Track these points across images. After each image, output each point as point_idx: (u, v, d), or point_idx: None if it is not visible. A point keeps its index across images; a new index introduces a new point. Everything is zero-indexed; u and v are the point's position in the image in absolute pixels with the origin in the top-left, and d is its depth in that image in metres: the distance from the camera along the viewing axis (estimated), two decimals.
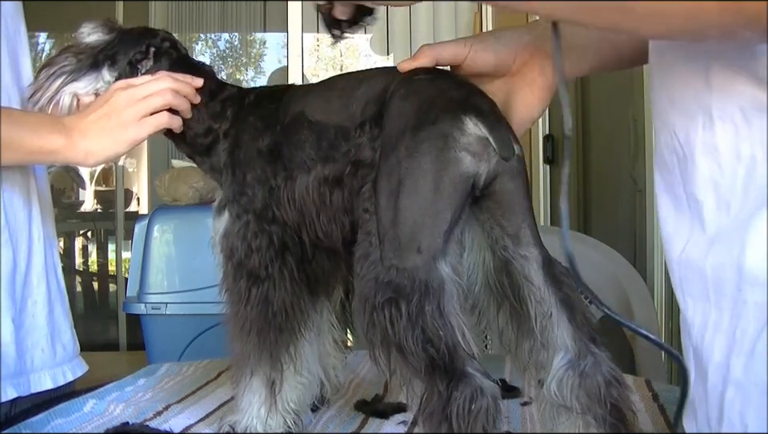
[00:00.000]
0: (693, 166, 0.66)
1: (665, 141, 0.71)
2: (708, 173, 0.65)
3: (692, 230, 0.67)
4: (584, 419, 0.78)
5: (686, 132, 0.67)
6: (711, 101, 0.64)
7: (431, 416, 0.71)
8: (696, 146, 0.66)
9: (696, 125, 0.66)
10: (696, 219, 0.67)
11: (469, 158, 0.76)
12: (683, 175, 0.68)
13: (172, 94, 0.99)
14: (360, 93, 0.87)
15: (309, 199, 0.89)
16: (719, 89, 0.64)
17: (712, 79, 0.64)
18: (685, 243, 0.68)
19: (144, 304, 2.39)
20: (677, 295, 0.70)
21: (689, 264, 0.67)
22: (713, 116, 0.64)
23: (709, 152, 0.65)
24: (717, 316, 0.65)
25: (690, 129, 0.67)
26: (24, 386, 1.09)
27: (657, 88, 0.72)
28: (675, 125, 0.69)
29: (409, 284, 0.73)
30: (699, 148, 0.66)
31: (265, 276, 0.92)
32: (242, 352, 0.94)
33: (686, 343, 0.70)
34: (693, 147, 0.66)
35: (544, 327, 0.80)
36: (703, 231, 0.66)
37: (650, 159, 2.29)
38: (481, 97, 0.81)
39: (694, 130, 0.66)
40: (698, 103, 0.65)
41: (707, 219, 0.66)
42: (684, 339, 0.71)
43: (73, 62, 1.01)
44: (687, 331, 0.69)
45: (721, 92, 0.63)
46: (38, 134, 0.97)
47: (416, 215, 0.75)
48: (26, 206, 1.13)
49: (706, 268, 0.65)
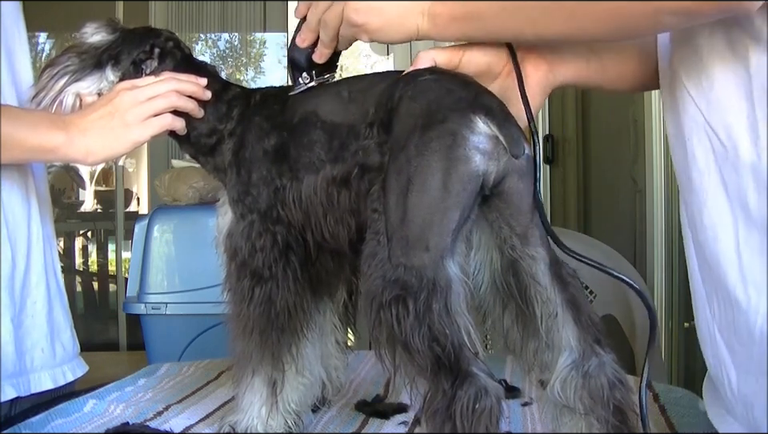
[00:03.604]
0: (736, 155, 0.68)
1: (697, 141, 0.73)
2: (749, 160, 0.67)
3: (737, 220, 0.69)
4: (587, 421, 0.78)
5: (725, 126, 0.69)
6: (753, 87, 0.66)
7: (435, 415, 0.71)
8: (740, 135, 0.68)
9: (740, 115, 0.67)
10: (739, 208, 0.68)
11: (478, 156, 0.76)
12: (723, 170, 0.70)
13: (176, 96, 0.99)
14: (370, 95, 0.87)
15: (316, 200, 0.89)
16: (760, 73, 0.66)
17: (750, 65, 0.66)
18: (735, 234, 0.69)
19: (144, 304, 2.38)
20: (730, 287, 0.70)
21: (752, 251, 0.68)
22: (754, 102, 0.66)
23: (752, 139, 0.67)
24: None
25: (732, 122, 0.68)
26: (24, 386, 1.09)
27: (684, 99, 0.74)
28: (713, 123, 0.70)
29: (416, 282, 0.73)
30: (744, 136, 0.67)
31: (268, 276, 0.92)
32: (243, 352, 0.94)
33: (738, 338, 0.70)
34: (737, 137, 0.68)
35: (549, 327, 0.80)
36: (748, 218, 0.67)
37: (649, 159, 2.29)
38: (489, 96, 0.81)
39: (738, 120, 0.68)
40: (739, 93, 0.68)
41: (751, 204, 0.67)
42: (731, 336, 0.71)
43: (76, 62, 1.01)
44: (745, 320, 0.69)
45: (761, 77, 0.66)
46: (38, 131, 0.97)
47: (425, 214, 0.75)
48: (25, 205, 1.13)
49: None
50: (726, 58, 0.68)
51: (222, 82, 1.03)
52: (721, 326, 0.72)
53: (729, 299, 0.70)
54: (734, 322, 0.70)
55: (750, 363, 0.68)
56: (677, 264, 2.21)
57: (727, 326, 0.71)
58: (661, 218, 2.24)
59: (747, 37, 0.66)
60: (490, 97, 0.81)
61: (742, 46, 0.67)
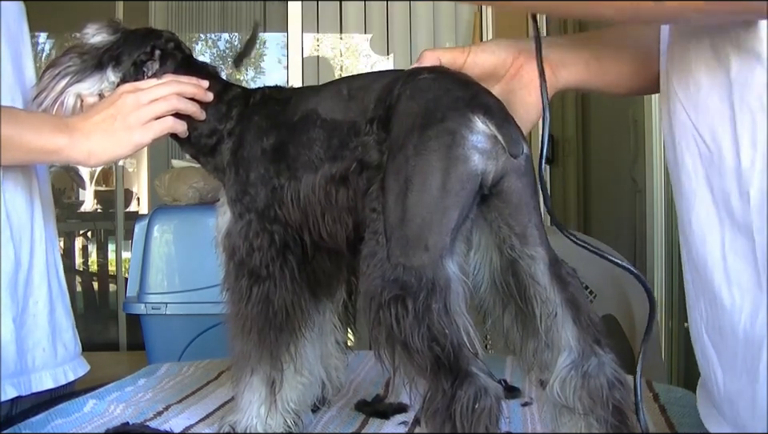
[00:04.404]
0: (720, 159, 0.68)
1: (685, 145, 0.73)
2: (733, 164, 0.67)
3: (723, 223, 0.69)
4: (586, 421, 0.78)
5: (711, 130, 0.69)
6: (732, 92, 0.66)
7: (435, 415, 0.71)
8: (724, 138, 0.68)
9: (724, 119, 0.67)
10: (725, 212, 0.68)
11: (477, 155, 0.76)
12: (709, 173, 0.70)
13: (178, 99, 0.99)
14: (370, 92, 0.87)
15: (314, 199, 0.89)
16: (739, 80, 0.66)
17: (732, 72, 0.66)
18: (721, 237, 0.69)
19: (144, 304, 2.38)
20: (716, 288, 0.70)
21: (736, 254, 0.68)
22: (734, 107, 0.66)
23: (734, 143, 0.67)
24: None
25: (716, 127, 0.68)
26: (25, 385, 1.09)
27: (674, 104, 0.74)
28: (700, 128, 0.71)
29: (416, 282, 0.73)
30: (726, 142, 0.67)
31: (266, 275, 0.92)
32: (242, 351, 0.94)
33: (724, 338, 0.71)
34: (721, 141, 0.68)
35: (549, 327, 0.79)
36: (733, 222, 0.68)
37: (649, 159, 2.30)
38: (488, 95, 0.81)
39: (723, 125, 0.68)
40: (722, 98, 0.68)
41: (735, 208, 0.67)
42: (717, 336, 0.71)
43: (77, 62, 1.01)
44: (729, 321, 0.69)
45: (740, 83, 0.66)
46: (40, 134, 0.97)
47: (424, 213, 0.75)
48: (29, 206, 1.13)
49: (757, 256, 0.66)
50: (711, 65, 0.69)
51: (223, 83, 1.04)
52: (708, 326, 0.73)
53: (714, 300, 0.70)
54: (720, 322, 0.70)
55: (735, 363, 0.69)
56: (677, 264, 2.21)
57: (713, 326, 0.71)
58: (661, 218, 2.24)
59: (729, 44, 0.66)
60: (489, 96, 0.81)
61: (723, 52, 0.67)
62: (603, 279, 1.73)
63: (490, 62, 0.91)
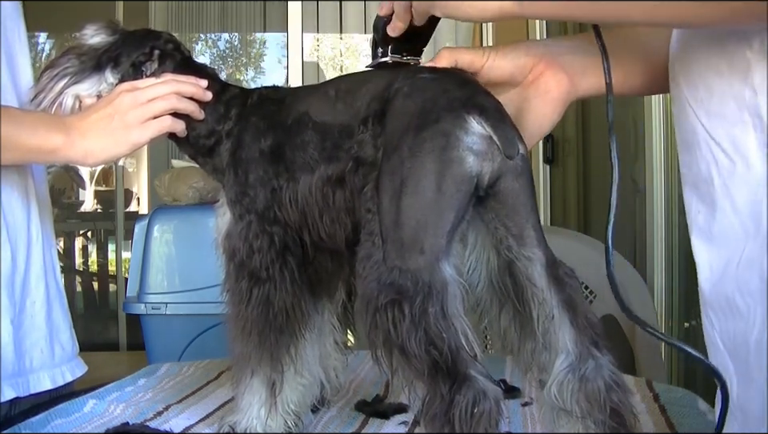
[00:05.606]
0: (746, 169, 0.67)
1: (700, 155, 0.72)
2: (762, 172, 0.66)
3: (747, 233, 0.68)
4: (584, 424, 0.78)
5: (731, 139, 0.68)
6: (758, 101, 0.66)
7: (434, 419, 0.70)
8: (749, 149, 0.67)
9: (746, 128, 0.67)
10: (751, 221, 0.68)
11: (472, 157, 0.75)
12: (728, 183, 0.69)
13: (176, 98, 0.99)
14: (364, 91, 0.86)
15: (312, 200, 0.89)
16: (762, 89, 0.65)
17: (754, 80, 0.66)
18: (742, 247, 0.68)
19: (144, 304, 2.39)
20: (730, 299, 0.70)
21: (750, 265, 0.68)
22: (760, 115, 0.66)
23: (760, 152, 0.66)
24: None
25: (737, 135, 0.68)
26: (23, 386, 1.09)
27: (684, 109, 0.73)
28: (716, 136, 0.70)
29: (412, 286, 0.73)
30: (753, 150, 0.67)
31: (266, 277, 0.92)
32: (242, 353, 0.94)
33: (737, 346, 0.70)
34: (746, 151, 0.67)
35: (546, 329, 0.79)
36: (758, 231, 0.67)
37: (650, 159, 2.30)
38: (485, 95, 0.81)
39: (745, 134, 0.67)
40: (744, 108, 0.67)
41: (764, 218, 0.67)
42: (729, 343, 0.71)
43: (75, 63, 1.01)
44: (742, 332, 0.69)
45: (764, 92, 0.65)
46: (37, 133, 0.97)
47: (419, 216, 0.75)
48: (25, 206, 1.13)
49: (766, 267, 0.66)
50: (722, 71, 0.68)
51: (221, 84, 1.03)
52: (722, 334, 0.72)
53: (729, 307, 0.70)
54: (734, 330, 0.70)
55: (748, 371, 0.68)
56: (677, 264, 2.21)
57: (728, 334, 0.71)
58: (661, 218, 2.24)
59: (748, 49, 0.65)
60: (487, 97, 0.80)
61: (739, 57, 0.66)
62: (603, 280, 1.72)
63: (509, 67, 0.89)
